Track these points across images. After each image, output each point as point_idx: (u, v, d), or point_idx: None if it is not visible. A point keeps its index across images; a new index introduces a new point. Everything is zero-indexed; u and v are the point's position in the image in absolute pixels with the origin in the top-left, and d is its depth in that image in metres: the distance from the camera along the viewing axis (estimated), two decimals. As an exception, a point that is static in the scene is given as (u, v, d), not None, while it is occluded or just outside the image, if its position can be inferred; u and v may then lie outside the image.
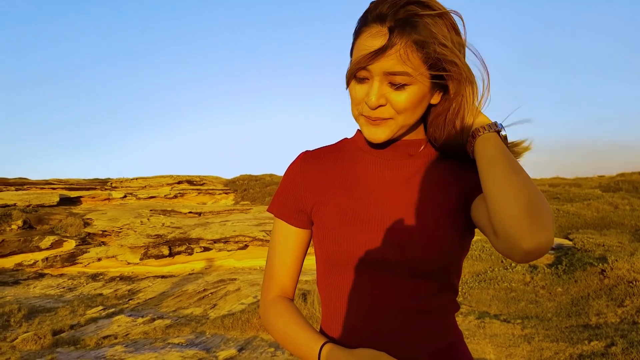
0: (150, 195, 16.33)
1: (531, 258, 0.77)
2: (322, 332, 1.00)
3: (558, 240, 9.23)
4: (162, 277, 9.98)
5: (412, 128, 0.97)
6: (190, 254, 10.51)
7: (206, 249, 10.37)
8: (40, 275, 10.10)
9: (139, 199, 16.22)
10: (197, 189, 17.05)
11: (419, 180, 0.95)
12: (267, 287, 1.06)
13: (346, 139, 1.08)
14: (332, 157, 1.04)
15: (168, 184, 17.17)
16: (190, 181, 17.36)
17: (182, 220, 12.18)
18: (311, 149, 1.07)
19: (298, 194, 1.02)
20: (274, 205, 1.07)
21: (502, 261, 7.86)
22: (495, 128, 0.87)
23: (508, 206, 0.76)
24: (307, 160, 1.04)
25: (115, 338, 6.15)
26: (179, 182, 17.17)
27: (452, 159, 0.97)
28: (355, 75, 0.89)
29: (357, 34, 0.90)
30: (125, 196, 16.32)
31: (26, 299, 8.01)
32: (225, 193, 17.65)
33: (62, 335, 6.11)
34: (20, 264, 10.48)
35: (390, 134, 0.92)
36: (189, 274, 9.96)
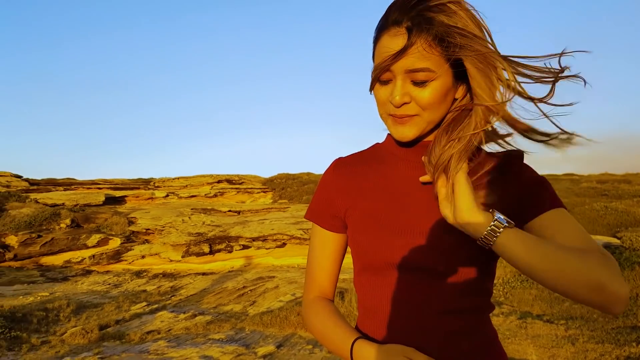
0: (191, 195, 16.67)
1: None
2: (357, 329, 1.02)
3: (605, 239, 8.92)
4: (203, 274, 10.17)
5: (439, 125, 0.97)
6: (230, 251, 10.68)
7: (245, 247, 10.52)
8: (88, 272, 10.47)
9: (181, 198, 16.58)
10: (236, 188, 17.30)
11: None
12: (307, 288, 1.11)
13: (377, 144, 1.09)
14: (363, 162, 1.06)
15: (208, 183, 17.49)
16: (229, 180, 17.62)
17: (222, 219, 12.39)
18: (344, 155, 1.10)
19: (331, 200, 1.05)
20: (310, 211, 1.10)
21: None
22: (503, 226, 0.82)
23: (575, 296, 0.81)
24: (340, 167, 1.07)
25: (159, 333, 6.32)
26: (219, 182, 17.46)
27: (479, 162, 0.94)
28: (379, 77, 0.91)
29: (377, 39, 0.92)
30: (167, 195, 16.71)
31: (74, 294, 8.31)
32: (264, 192, 17.84)
33: (108, 330, 6.32)
34: (68, 261, 10.89)
35: (418, 131, 0.93)
36: (229, 272, 10.12)
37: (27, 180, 15.85)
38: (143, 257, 11.10)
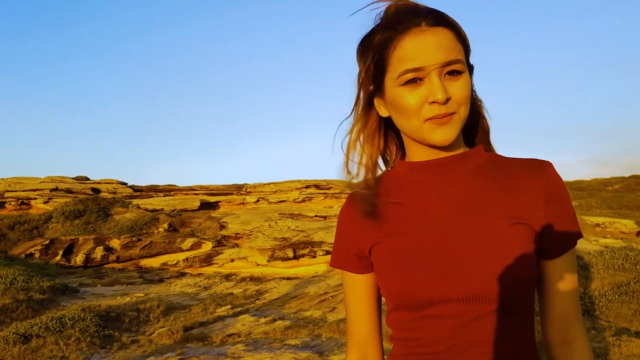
0: (280, 200, 17.09)
1: None
2: None
3: None
4: (288, 278, 10.38)
5: (459, 136, 0.94)
6: (314, 257, 10.81)
7: (328, 253, 10.58)
8: (182, 274, 11.06)
9: (270, 203, 17.06)
10: (324, 193, 17.48)
11: (472, 199, 0.90)
12: (347, 348, 1.04)
13: (387, 171, 1.04)
14: (379, 193, 1.00)
15: (297, 189, 17.84)
16: (317, 185, 17.85)
17: (307, 224, 12.57)
18: (358, 190, 1.04)
19: (353, 239, 0.99)
20: (334, 258, 1.04)
21: (647, 272, 6.96)
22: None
23: None
24: (353, 203, 1.01)
25: (239, 336, 6.52)
26: (307, 187, 17.74)
27: (502, 170, 0.92)
28: (405, 82, 0.87)
29: (390, 46, 0.87)
30: (258, 200, 17.26)
31: (166, 296, 8.82)
32: (351, 196, 17.82)
33: (192, 331, 6.63)
34: (165, 264, 11.59)
35: (456, 131, 0.88)
36: (312, 277, 10.23)
37: (131, 187, 17.12)
38: (232, 260, 11.54)
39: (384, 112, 0.95)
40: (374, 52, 0.89)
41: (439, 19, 0.85)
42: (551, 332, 0.92)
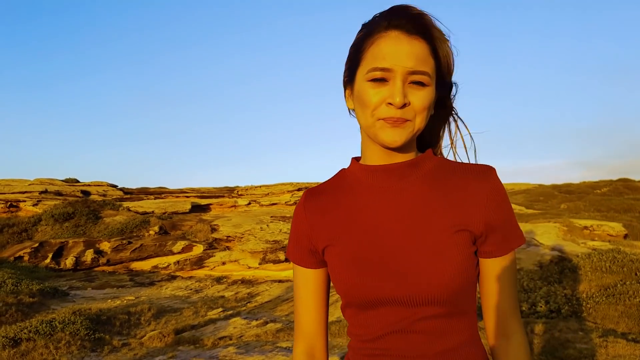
0: (272, 202, 17.07)
1: None
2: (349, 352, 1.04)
3: None
4: (279, 281, 10.37)
5: (412, 142, 0.97)
6: (305, 259, 10.81)
7: (320, 255, 10.63)
8: (172, 278, 11.02)
9: (262, 205, 17.04)
10: (316, 196, 17.48)
11: (419, 206, 0.94)
12: (294, 339, 1.09)
13: (343, 169, 1.07)
14: (332, 193, 1.04)
15: (289, 191, 17.83)
16: (308, 188, 17.85)
17: (299, 227, 12.56)
18: (314, 186, 1.09)
19: (307, 236, 1.03)
20: (289, 251, 1.08)
21: (636, 274, 7.03)
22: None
23: None
24: (310, 201, 1.05)
25: (230, 339, 6.51)
26: (298, 189, 17.75)
27: (448, 176, 0.96)
28: (372, 78, 0.90)
29: (369, 42, 0.91)
30: (249, 203, 17.23)
31: (157, 299, 8.78)
32: (343, 199, 17.83)
33: (183, 334, 6.60)
34: (156, 267, 11.54)
35: (407, 137, 0.91)
36: (304, 279, 10.22)
37: (121, 189, 17.02)
38: (223, 263, 11.52)
39: (350, 104, 1.00)
40: (354, 46, 0.95)
41: (420, 30, 0.88)
42: (490, 326, 0.98)
